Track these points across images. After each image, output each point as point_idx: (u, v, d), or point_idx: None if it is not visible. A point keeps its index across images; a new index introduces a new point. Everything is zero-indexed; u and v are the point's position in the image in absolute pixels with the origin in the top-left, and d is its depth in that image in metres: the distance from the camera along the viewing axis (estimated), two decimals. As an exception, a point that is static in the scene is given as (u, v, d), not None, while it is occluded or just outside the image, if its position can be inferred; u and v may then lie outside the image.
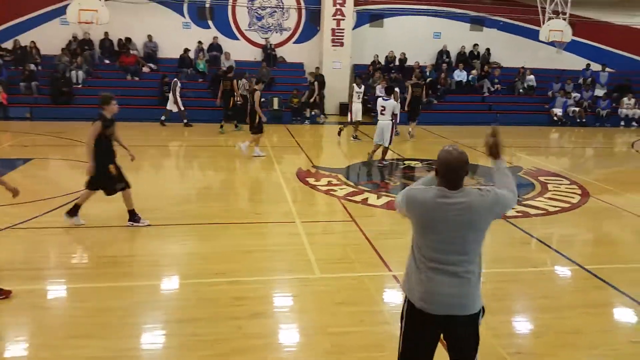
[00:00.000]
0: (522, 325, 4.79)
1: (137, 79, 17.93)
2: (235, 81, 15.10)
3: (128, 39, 18.54)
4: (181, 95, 15.59)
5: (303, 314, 4.80)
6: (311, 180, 9.51)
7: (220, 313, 4.61)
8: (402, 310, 2.99)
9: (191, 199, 8.41)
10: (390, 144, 10.99)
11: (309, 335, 4.42)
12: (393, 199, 8.38)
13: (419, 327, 2.89)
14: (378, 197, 8.46)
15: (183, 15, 19.10)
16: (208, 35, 19.11)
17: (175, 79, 15.80)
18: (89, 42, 18.26)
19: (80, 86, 17.22)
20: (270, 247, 6.35)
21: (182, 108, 15.56)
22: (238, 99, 15.17)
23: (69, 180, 9.25)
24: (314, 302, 4.99)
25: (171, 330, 4.37)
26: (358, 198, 8.40)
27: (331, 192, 8.73)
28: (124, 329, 4.33)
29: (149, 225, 6.74)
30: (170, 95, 15.53)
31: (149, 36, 18.68)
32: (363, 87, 14.52)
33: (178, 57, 18.44)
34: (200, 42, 18.82)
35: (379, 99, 11.16)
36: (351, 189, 8.93)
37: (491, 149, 2.95)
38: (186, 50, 18.50)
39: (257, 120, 11.21)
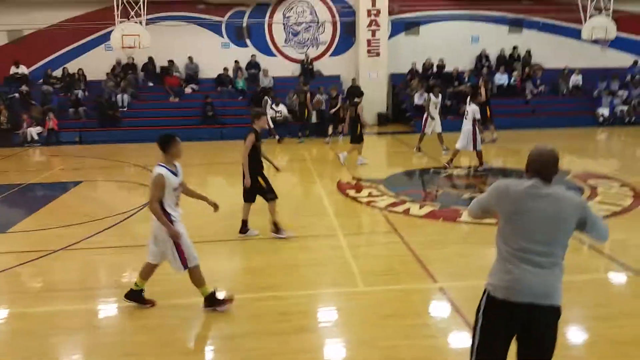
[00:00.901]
0: (576, 334, 4.62)
1: (178, 100, 18.45)
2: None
3: (171, 62, 19.16)
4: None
5: (348, 328, 4.79)
6: (352, 192, 9.51)
7: (267, 328, 4.66)
8: (480, 304, 3.03)
9: (235, 215, 8.53)
10: (478, 148, 10.85)
11: (354, 349, 4.41)
12: (435, 208, 8.28)
13: (499, 319, 2.93)
14: (420, 207, 8.37)
15: (222, 35, 19.60)
16: (246, 53, 19.52)
17: (266, 97, 16.29)
18: (132, 66, 19.00)
19: (125, 109, 17.88)
20: (314, 260, 6.37)
21: (272, 126, 15.77)
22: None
23: (118, 201, 9.61)
24: (358, 316, 4.97)
25: (220, 346, 4.46)
26: (400, 209, 8.33)
27: (372, 204, 8.71)
28: (175, 345, 4.44)
29: (291, 237, 7.00)
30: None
31: (190, 57, 19.25)
32: (441, 96, 13.75)
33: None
34: (237, 62, 19.21)
35: (467, 106, 10.91)
36: (393, 200, 8.87)
37: None
38: (225, 69, 18.94)
39: (358, 130, 11.79)
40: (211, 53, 19.39)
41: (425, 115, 13.19)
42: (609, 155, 13.65)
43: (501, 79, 19.01)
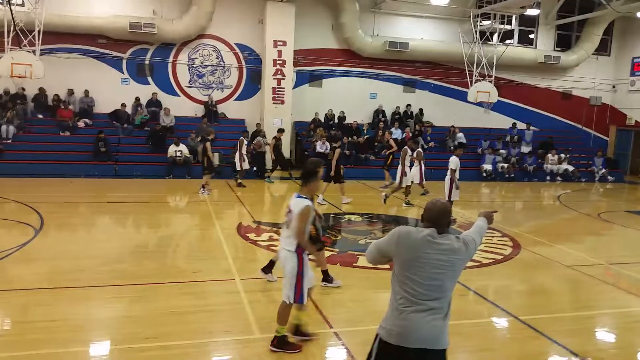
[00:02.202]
0: (463, 379, 4.79)
1: (68, 133, 17.37)
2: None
3: (71, 91, 18.15)
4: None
5: (241, 378, 4.57)
6: (252, 236, 9.36)
7: (151, 380, 4.31)
8: (372, 349, 3.12)
9: (123, 258, 8.02)
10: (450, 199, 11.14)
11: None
12: (334, 253, 8.36)
13: None
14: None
15: (122, 71, 18.95)
16: (147, 91, 18.99)
17: (242, 138, 15.84)
18: (22, 96, 17.67)
19: (10, 141, 16.49)
20: (207, 307, 6.07)
21: (245, 168, 15.80)
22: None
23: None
24: (252, 364, 4.78)
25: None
26: (299, 254, 8.30)
27: (272, 248, 8.61)
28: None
29: (339, 286, 6.68)
30: (237, 154, 15.59)
31: (86, 91, 18.33)
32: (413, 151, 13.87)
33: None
34: (137, 98, 18.65)
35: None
36: (292, 245, 8.82)
37: (488, 215, 3.82)
38: (123, 105, 18.25)
39: (341, 171, 13.18)
40: (109, 88, 18.61)
41: (400, 169, 13.37)
42: (490, 207, 14.76)
43: (395, 133, 20.13)
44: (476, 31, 19.80)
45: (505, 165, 19.94)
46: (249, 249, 8.73)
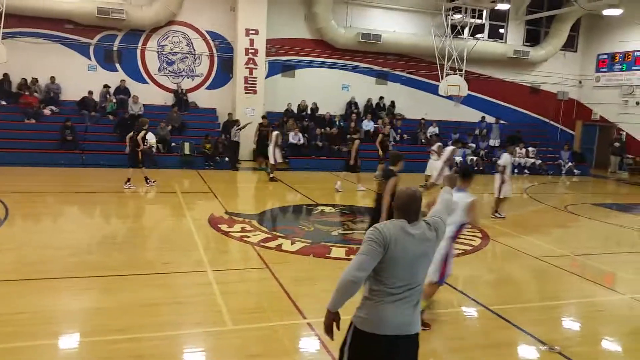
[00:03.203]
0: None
1: (33, 121, 16.83)
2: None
3: (35, 80, 17.53)
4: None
5: (213, 370, 4.53)
6: (224, 227, 9.27)
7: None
8: (346, 338, 3.15)
9: (91, 248, 7.83)
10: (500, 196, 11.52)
11: (219, 392, 4.16)
12: (307, 244, 8.35)
13: (365, 352, 3.04)
14: (292, 243, 8.39)
15: (89, 57, 18.43)
16: (115, 78, 18.53)
17: (277, 132, 15.28)
18: (-18, 81, 17.03)
19: (-31, 129, 15.89)
20: (178, 298, 5.97)
21: (279, 161, 15.27)
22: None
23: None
24: (224, 357, 4.74)
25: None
26: (272, 244, 8.27)
27: (245, 239, 8.54)
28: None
29: None
30: (271, 147, 14.91)
31: (52, 77, 17.77)
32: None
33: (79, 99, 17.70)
34: (106, 86, 18.20)
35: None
36: (265, 235, 8.80)
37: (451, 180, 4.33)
38: (90, 93, 17.78)
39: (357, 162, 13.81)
40: (76, 75, 18.08)
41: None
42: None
43: (368, 125, 20.21)
44: (447, 25, 19.96)
45: (475, 158, 20.25)
46: (221, 240, 8.64)
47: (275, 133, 15.23)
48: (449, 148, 13.86)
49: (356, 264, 2.96)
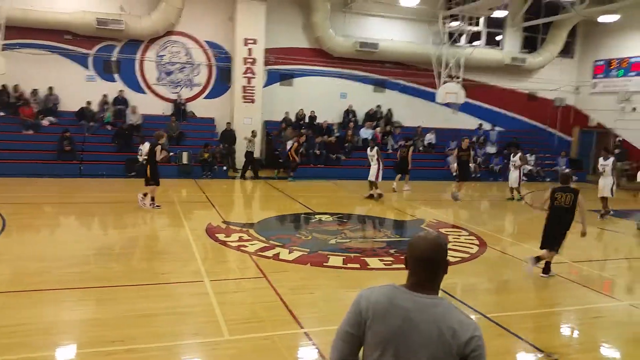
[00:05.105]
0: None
1: (31, 132, 16.87)
2: None
3: (34, 91, 17.62)
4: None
5: (210, 380, 4.52)
6: (221, 236, 9.27)
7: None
8: None
9: (89, 259, 7.83)
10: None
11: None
12: (304, 253, 8.35)
13: None
14: (290, 252, 8.39)
15: (87, 68, 18.50)
16: (114, 88, 18.60)
17: (377, 148, 14.33)
18: (-19, 93, 17.08)
19: (-32, 140, 15.94)
20: (175, 309, 5.96)
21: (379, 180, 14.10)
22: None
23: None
24: (222, 367, 4.73)
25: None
26: (269, 253, 8.28)
27: (242, 248, 8.55)
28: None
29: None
30: (374, 165, 14.01)
31: (50, 88, 17.83)
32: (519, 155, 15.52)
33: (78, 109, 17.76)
34: (105, 95, 18.27)
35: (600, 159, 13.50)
36: (262, 244, 8.80)
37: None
38: (88, 103, 17.84)
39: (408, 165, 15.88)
40: (74, 85, 18.15)
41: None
42: (457, 206, 15.01)
43: (366, 133, 20.26)
44: (444, 32, 20.07)
45: (472, 165, 20.25)
46: (219, 249, 8.64)
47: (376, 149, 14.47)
48: (519, 155, 15.30)
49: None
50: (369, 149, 14.49)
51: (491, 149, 21.54)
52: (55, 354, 4.82)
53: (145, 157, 11.91)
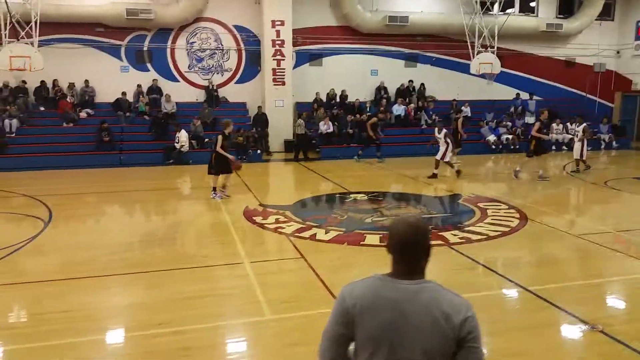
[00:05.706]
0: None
1: (71, 125, 17.40)
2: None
3: (71, 85, 18.12)
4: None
5: (254, 359, 4.63)
6: (259, 219, 9.40)
7: (166, 365, 4.38)
8: None
9: (133, 246, 8.09)
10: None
11: (261, 380, 4.26)
12: (340, 232, 8.39)
13: None
14: (326, 232, 8.45)
15: (121, 59, 18.86)
16: (147, 77, 18.93)
17: (445, 130, 14.10)
18: (23, 89, 17.65)
19: (14, 135, 16.57)
20: (217, 291, 6.14)
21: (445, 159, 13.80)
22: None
23: (3, 234, 8.77)
24: (265, 346, 4.84)
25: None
26: (306, 234, 8.35)
27: (279, 230, 8.65)
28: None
29: None
30: (443, 146, 13.67)
31: (86, 81, 18.31)
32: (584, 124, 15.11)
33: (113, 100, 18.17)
34: (139, 85, 18.62)
35: None
36: (299, 226, 8.88)
37: None
38: (124, 94, 18.23)
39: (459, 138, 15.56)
40: (109, 77, 18.58)
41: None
42: (496, 180, 14.73)
43: (399, 110, 20.01)
44: (476, 1, 19.47)
45: (510, 136, 19.80)
46: (257, 232, 8.77)
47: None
48: (582, 127, 14.88)
49: None
50: (436, 130, 14.18)
51: (530, 119, 20.94)
52: (104, 338, 5.03)
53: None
